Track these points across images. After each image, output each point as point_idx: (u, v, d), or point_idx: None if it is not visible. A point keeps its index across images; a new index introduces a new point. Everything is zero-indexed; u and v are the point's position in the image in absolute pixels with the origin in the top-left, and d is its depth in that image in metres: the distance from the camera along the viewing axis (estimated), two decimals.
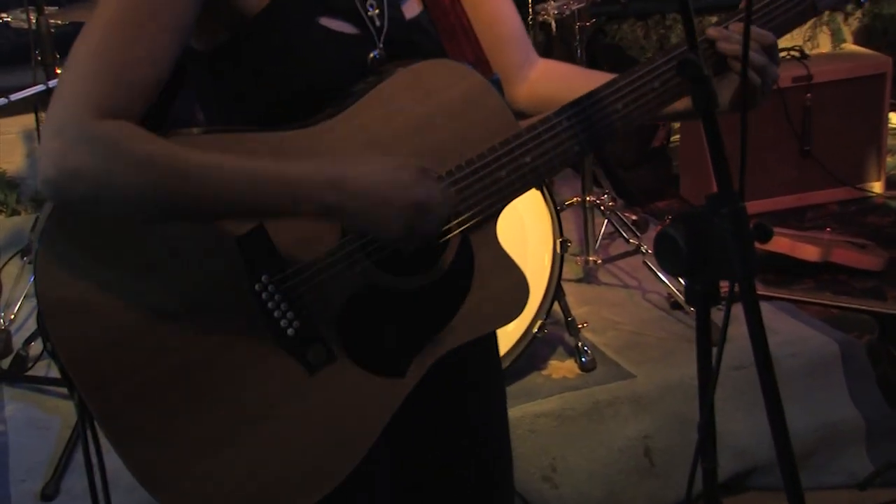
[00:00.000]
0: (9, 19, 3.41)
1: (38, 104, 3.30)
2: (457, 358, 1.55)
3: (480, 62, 1.61)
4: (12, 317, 3.50)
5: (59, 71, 3.09)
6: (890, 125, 4.63)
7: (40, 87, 3.05)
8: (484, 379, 1.75)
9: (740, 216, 1.18)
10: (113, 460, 1.45)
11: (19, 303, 3.53)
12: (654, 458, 3.02)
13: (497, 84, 1.54)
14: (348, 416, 1.50)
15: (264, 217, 1.40)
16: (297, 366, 1.45)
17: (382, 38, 1.50)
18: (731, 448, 3.02)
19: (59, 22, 3.38)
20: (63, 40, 3.31)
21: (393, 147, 1.45)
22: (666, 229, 1.27)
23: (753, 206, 4.23)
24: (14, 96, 3.08)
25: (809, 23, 5.43)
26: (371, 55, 1.49)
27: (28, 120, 4.00)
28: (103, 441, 1.46)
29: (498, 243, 1.56)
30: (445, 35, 1.58)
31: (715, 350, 1.27)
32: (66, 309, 1.37)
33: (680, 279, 3.01)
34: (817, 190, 4.50)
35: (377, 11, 1.50)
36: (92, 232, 1.37)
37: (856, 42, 5.43)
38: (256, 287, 1.42)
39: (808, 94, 4.38)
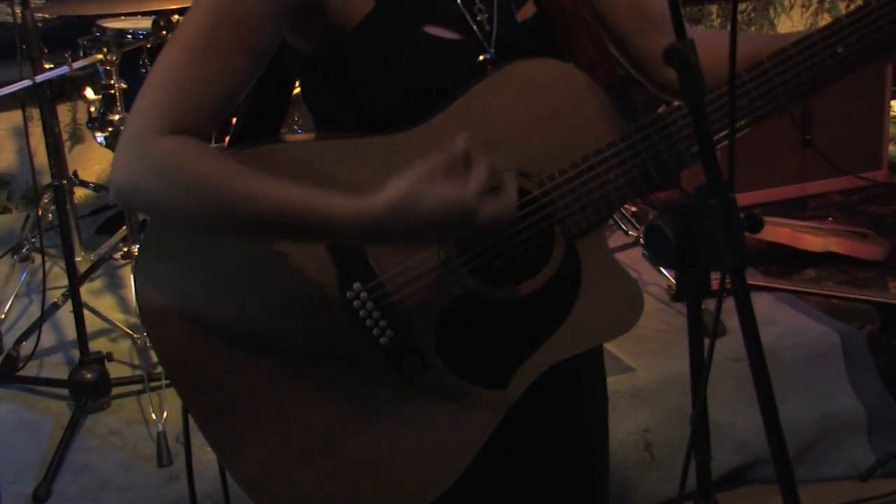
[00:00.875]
0: None
1: (24, 100, 3.26)
2: (569, 368, 1.49)
3: (604, 58, 1.50)
4: (2, 316, 3.47)
5: (46, 66, 3.04)
6: (891, 113, 4.60)
7: (27, 83, 3.00)
8: (592, 387, 1.69)
9: (730, 206, 1.16)
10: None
11: (10, 302, 3.50)
12: (654, 452, 3.00)
13: (624, 81, 1.47)
14: (448, 427, 1.46)
15: (310, 236, 1.34)
16: (393, 375, 1.43)
17: (493, 42, 1.43)
18: (732, 440, 3.01)
19: (46, 16, 3.36)
20: (49, 34, 3.28)
21: (488, 150, 1.38)
22: (655, 221, 1.26)
23: (755, 197, 4.21)
24: (0, 92, 3.03)
25: (810, 9, 5.39)
26: (481, 58, 1.42)
27: (16, 116, 3.97)
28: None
29: (607, 250, 1.47)
30: (565, 33, 1.48)
31: (707, 342, 1.25)
32: (164, 316, 1.41)
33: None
34: (819, 179, 4.47)
35: (486, 16, 1.43)
36: (186, 241, 1.41)
37: None
38: (348, 295, 1.40)
39: None
